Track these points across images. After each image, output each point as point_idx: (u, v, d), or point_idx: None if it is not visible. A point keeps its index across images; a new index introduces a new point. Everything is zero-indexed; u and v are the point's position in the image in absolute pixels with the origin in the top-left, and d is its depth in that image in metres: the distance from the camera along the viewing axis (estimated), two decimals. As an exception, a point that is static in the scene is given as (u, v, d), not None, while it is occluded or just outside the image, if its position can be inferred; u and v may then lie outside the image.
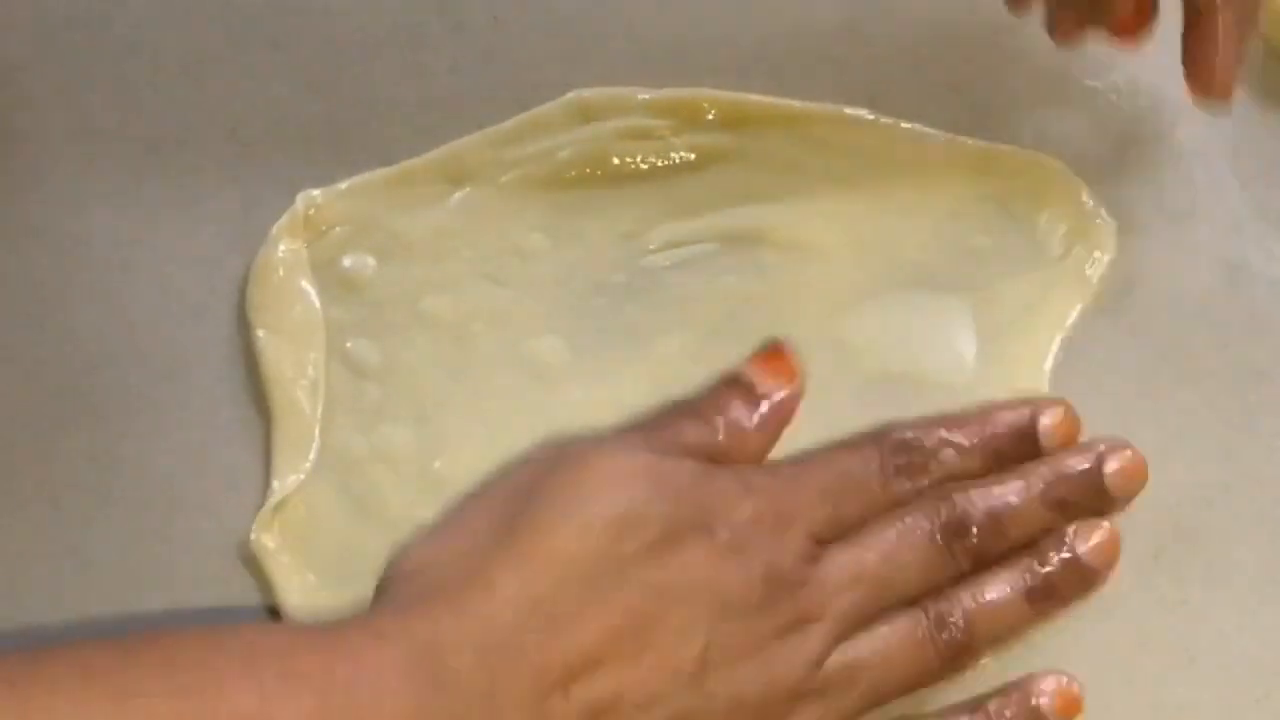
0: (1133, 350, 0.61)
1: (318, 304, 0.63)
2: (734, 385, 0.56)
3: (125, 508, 0.60)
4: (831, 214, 0.65)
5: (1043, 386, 0.61)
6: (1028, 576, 0.56)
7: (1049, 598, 0.56)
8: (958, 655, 0.55)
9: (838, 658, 0.54)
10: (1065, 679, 0.55)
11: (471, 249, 0.64)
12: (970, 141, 0.65)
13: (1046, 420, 0.57)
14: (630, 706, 0.51)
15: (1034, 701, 0.55)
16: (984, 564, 0.56)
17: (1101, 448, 0.57)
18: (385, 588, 0.52)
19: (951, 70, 0.68)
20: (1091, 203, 0.64)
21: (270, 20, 0.71)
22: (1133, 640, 0.56)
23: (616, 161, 0.66)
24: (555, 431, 0.57)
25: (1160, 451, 0.59)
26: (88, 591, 0.59)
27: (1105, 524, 0.56)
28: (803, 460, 0.56)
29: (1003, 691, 0.55)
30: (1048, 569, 0.56)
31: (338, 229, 0.65)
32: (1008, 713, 0.55)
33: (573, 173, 0.66)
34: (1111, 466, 0.56)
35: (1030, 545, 0.56)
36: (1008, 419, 0.57)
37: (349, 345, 0.63)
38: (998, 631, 0.56)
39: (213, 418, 0.62)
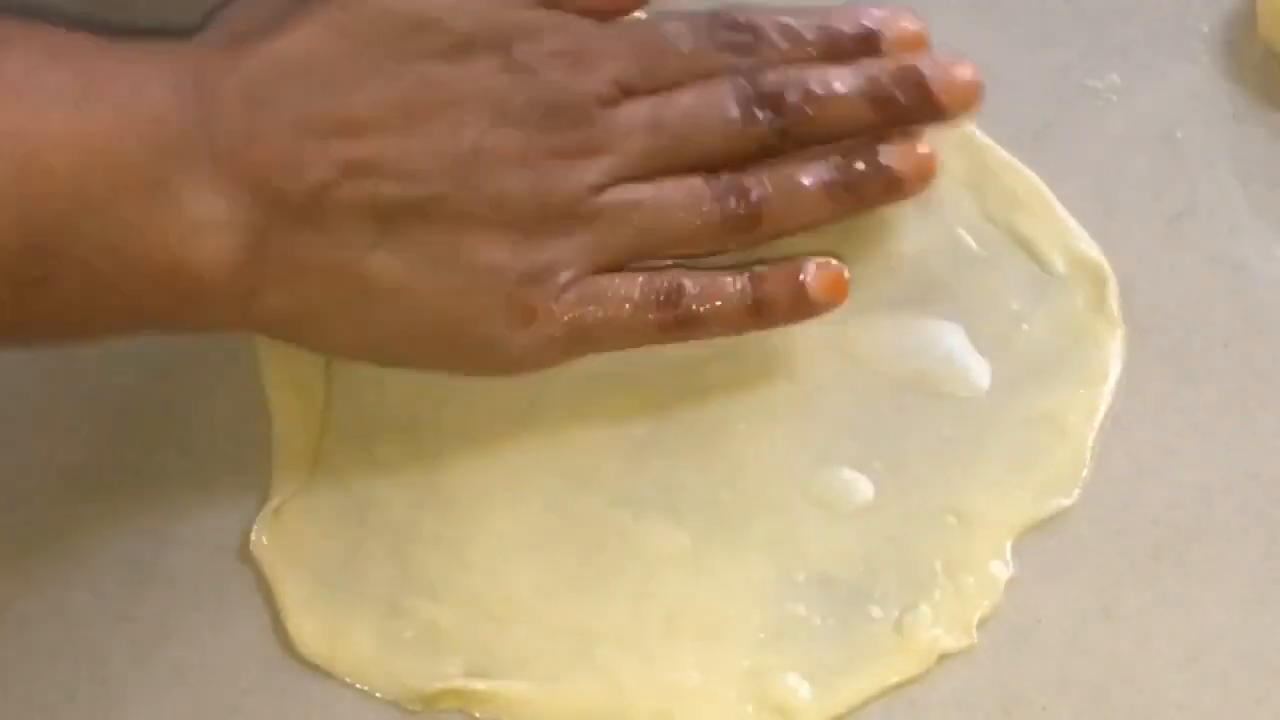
0: (1133, 350, 0.61)
1: (318, 305, 0.63)
2: None
3: (125, 508, 0.60)
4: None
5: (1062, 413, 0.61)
6: (831, 167, 0.56)
7: (848, 193, 0.56)
8: (741, 225, 0.56)
9: (615, 193, 0.55)
10: (835, 262, 0.56)
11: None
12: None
13: (900, 24, 0.57)
14: (389, 174, 0.53)
15: (801, 277, 0.56)
16: (793, 148, 0.56)
17: (941, 57, 0.57)
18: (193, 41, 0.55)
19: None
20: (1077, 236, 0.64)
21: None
22: (1133, 640, 0.56)
23: None
24: (554, 436, 0.57)
25: (1160, 451, 0.59)
26: (87, 591, 0.59)
27: (923, 140, 0.56)
28: (635, 24, 0.57)
29: (774, 263, 0.56)
30: (853, 163, 0.56)
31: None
32: (769, 284, 0.56)
33: None
34: (943, 71, 0.56)
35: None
36: (854, 17, 0.57)
37: (349, 346, 0.63)
38: (788, 215, 0.56)
39: (213, 418, 0.62)
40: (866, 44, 0.57)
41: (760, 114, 0.55)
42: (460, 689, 0.56)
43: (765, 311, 0.57)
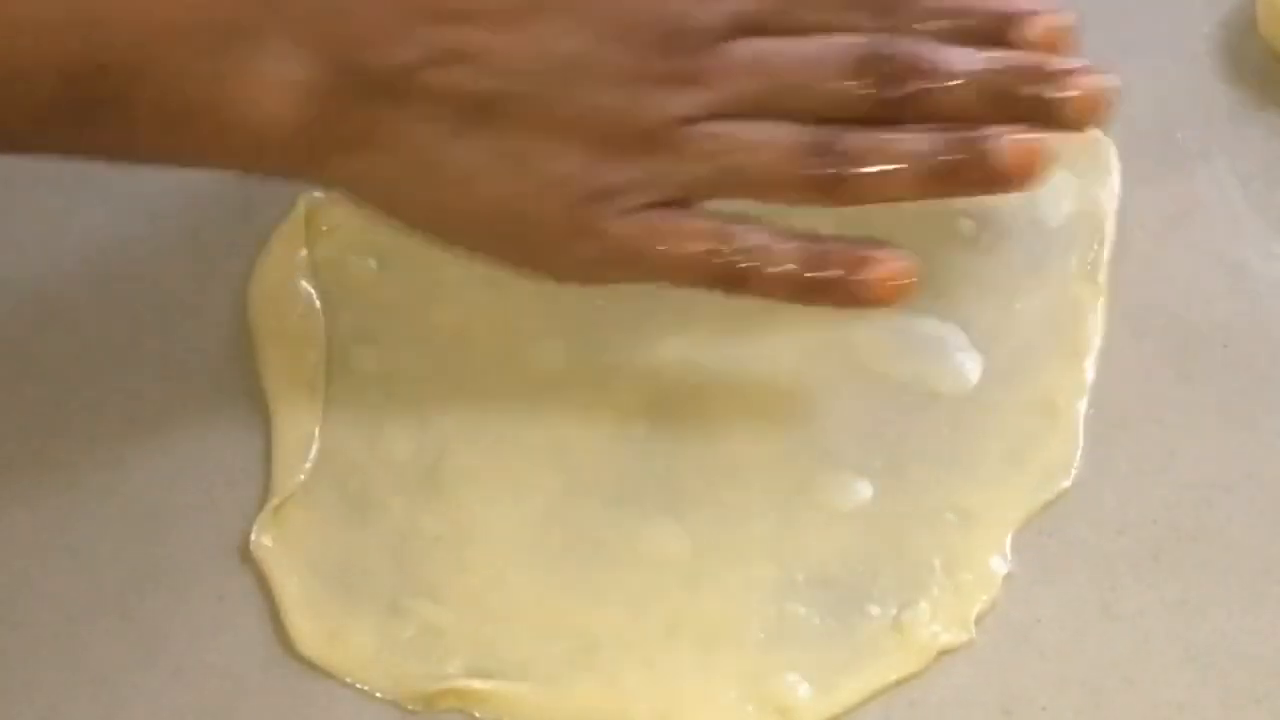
0: (1133, 350, 0.61)
1: (318, 306, 0.63)
2: None
3: (125, 508, 0.60)
4: (833, 213, 0.64)
5: (1051, 394, 0.61)
6: (932, 146, 0.54)
7: (943, 177, 0.54)
8: (822, 185, 0.54)
9: (706, 126, 0.53)
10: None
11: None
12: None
13: (1048, 16, 0.55)
14: (481, 66, 0.52)
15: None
16: (896, 118, 0.54)
17: (1077, 64, 0.55)
18: None
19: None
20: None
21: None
22: (1133, 640, 0.56)
23: None
24: (554, 435, 0.57)
25: (1160, 451, 0.59)
26: (88, 591, 0.59)
27: (1038, 134, 0.54)
28: None
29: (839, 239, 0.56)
30: (956, 147, 0.54)
31: (339, 230, 0.65)
32: (833, 256, 0.55)
33: None
34: (1073, 78, 0.54)
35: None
36: (996, 6, 0.55)
37: (349, 347, 0.63)
38: (875, 186, 0.55)
39: (213, 418, 0.62)
40: (1009, 29, 0.55)
41: (872, 80, 0.54)
42: (460, 689, 0.56)
43: (817, 287, 0.56)
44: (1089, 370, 0.61)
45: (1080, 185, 0.64)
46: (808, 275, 0.56)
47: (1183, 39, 0.67)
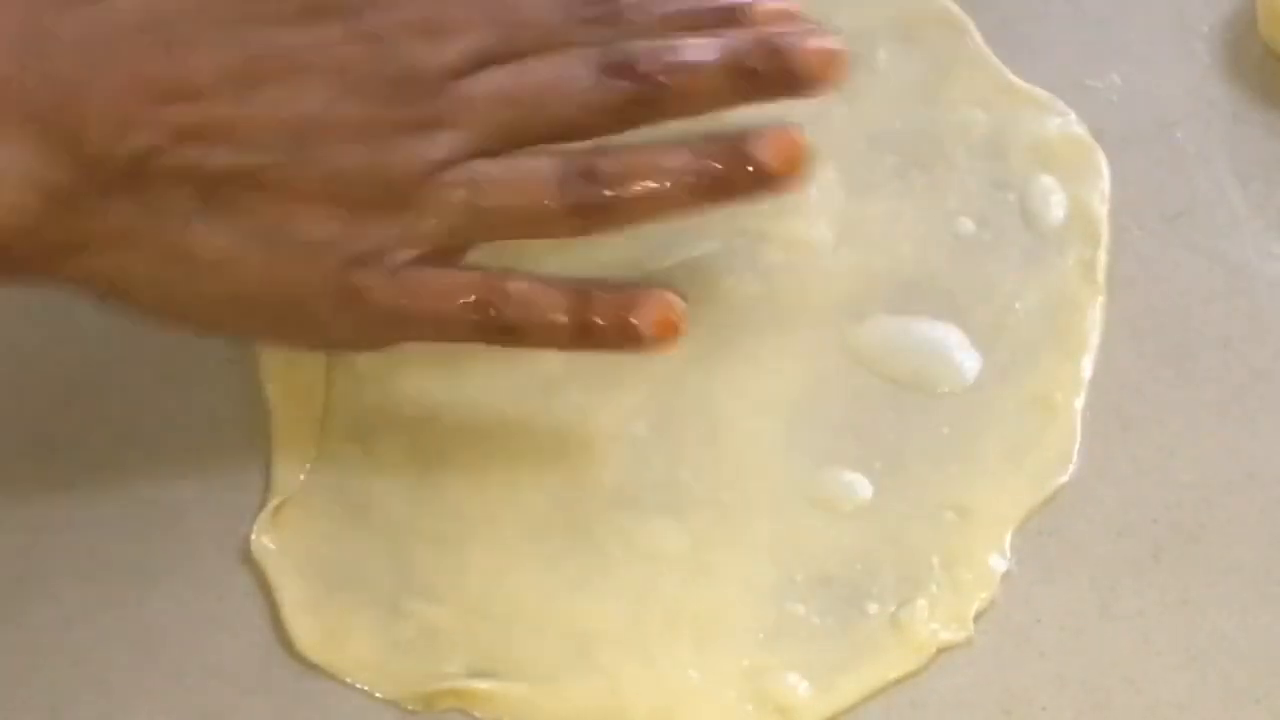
0: (1133, 350, 0.61)
1: (318, 305, 0.63)
2: None
3: (125, 508, 0.60)
4: (833, 213, 0.65)
5: (1049, 391, 0.61)
6: (693, 154, 0.53)
7: (712, 185, 0.53)
8: (591, 212, 0.53)
9: (458, 170, 0.52)
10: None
11: (471, 249, 0.64)
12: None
13: (764, 6, 0.54)
14: (220, 142, 0.50)
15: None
16: (652, 118, 0.53)
17: (804, 27, 0.54)
18: None
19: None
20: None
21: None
22: (1133, 640, 0.56)
23: None
24: (554, 434, 0.57)
25: (1161, 451, 0.59)
26: (88, 591, 0.59)
27: (790, 126, 0.53)
28: None
29: (605, 286, 0.54)
30: (716, 151, 0.53)
31: (338, 230, 0.65)
32: (597, 308, 0.53)
33: None
34: (801, 41, 0.53)
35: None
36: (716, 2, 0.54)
37: (349, 346, 0.63)
38: (644, 206, 0.53)
39: (213, 418, 0.62)
40: (731, 17, 0.54)
41: (614, 83, 0.52)
42: (460, 689, 0.56)
43: (589, 333, 0.54)
44: (1086, 367, 0.61)
45: (1072, 187, 0.64)
46: (579, 322, 0.54)
47: (1183, 39, 0.67)
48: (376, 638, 0.58)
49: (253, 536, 0.59)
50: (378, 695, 0.57)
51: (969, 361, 0.61)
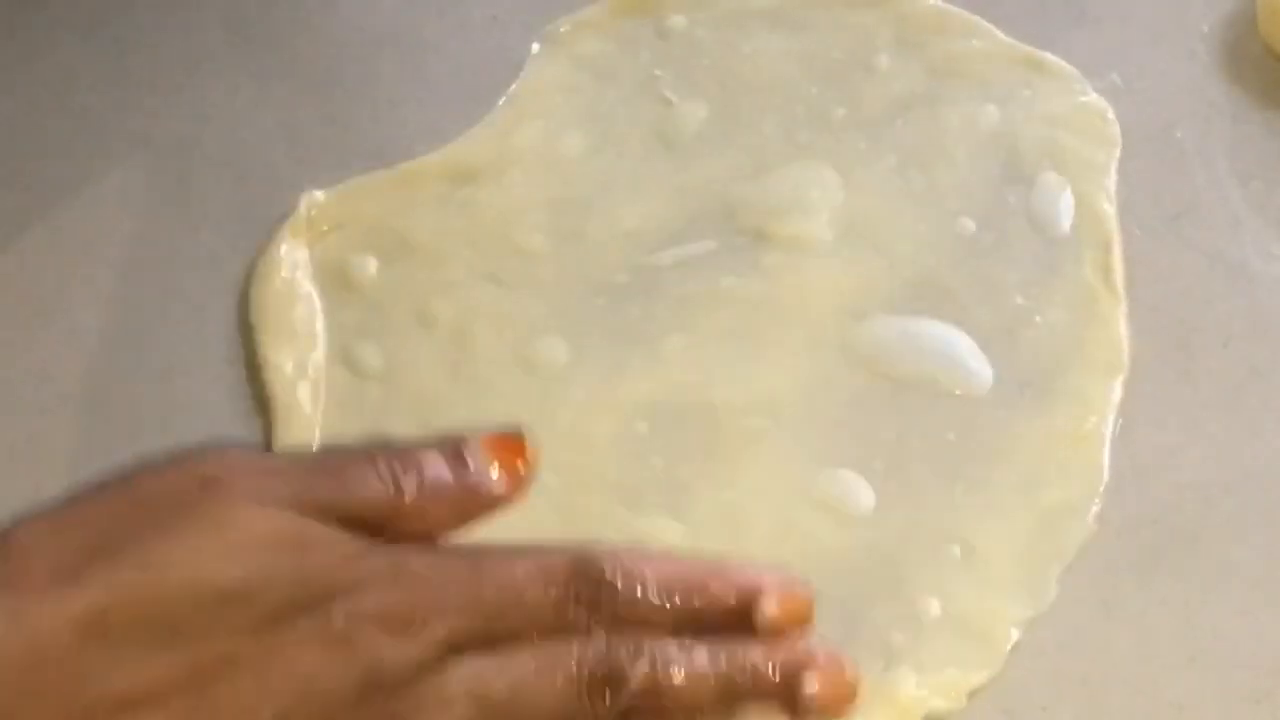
0: (1133, 350, 0.61)
1: (319, 305, 0.63)
2: (448, 451, 0.52)
3: (126, 508, 0.60)
4: (833, 213, 0.65)
5: (1053, 392, 0.61)
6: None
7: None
8: None
9: None
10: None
11: (472, 249, 0.64)
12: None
13: (768, 608, 0.50)
14: None
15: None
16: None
17: (816, 656, 0.50)
18: None
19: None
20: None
21: (270, 20, 0.71)
22: (1133, 640, 0.56)
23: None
24: (556, 434, 0.57)
25: (1162, 452, 0.59)
26: (89, 592, 0.59)
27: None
28: (480, 554, 0.51)
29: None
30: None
31: (339, 230, 0.65)
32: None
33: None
34: (811, 686, 0.49)
35: None
36: (726, 586, 0.51)
37: (350, 346, 0.63)
38: None
39: (213, 418, 0.62)
40: (744, 617, 0.50)
41: (599, 695, 0.49)
42: (461, 688, 0.56)
43: None
44: (1116, 390, 0.60)
45: (1078, 185, 0.64)
46: None
47: (1183, 39, 0.67)
48: (377, 638, 0.57)
49: (253, 536, 0.59)
50: (379, 695, 0.57)
51: (975, 365, 0.61)
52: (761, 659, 0.50)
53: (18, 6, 0.71)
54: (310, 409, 0.61)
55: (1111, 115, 0.66)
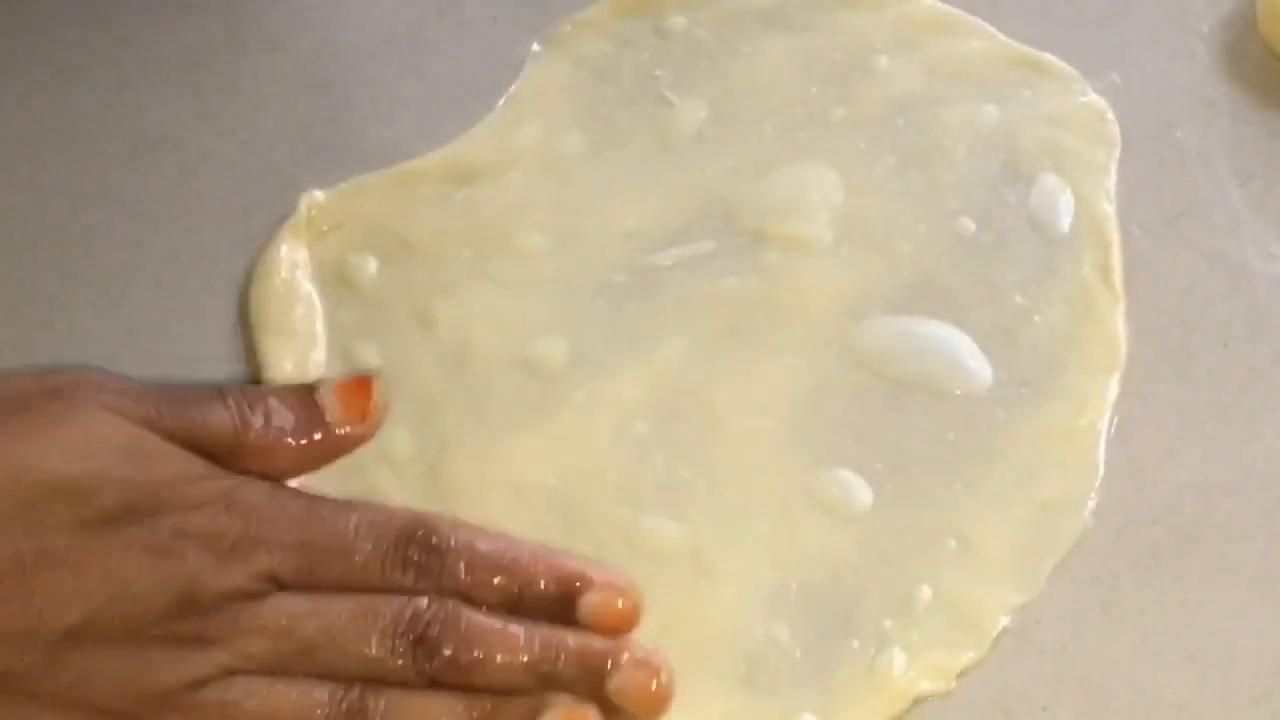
0: (1132, 350, 0.61)
1: (319, 305, 0.63)
2: (298, 394, 0.53)
3: (126, 508, 0.60)
4: (833, 213, 0.65)
5: (1050, 389, 0.61)
6: (468, 707, 0.50)
7: None
8: None
9: (218, 691, 0.49)
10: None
11: (472, 249, 0.64)
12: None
13: (591, 598, 0.52)
14: None
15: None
16: (439, 684, 0.50)
17: (628, 654, 0.51)
18: None
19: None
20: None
21: (270, 20, 0.71)
22: (1133, 640, 0.56)
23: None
24: (556, 434, 0.57)
25: (1161, 451, 0.59)
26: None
27: (586, 708, 0.50)
28: (318, 499, 0.52)
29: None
30: (506, 712, 0.50)
31: (339, 230, 0.65)
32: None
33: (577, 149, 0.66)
34: (618, 680, 0.51)
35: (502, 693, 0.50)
36: (553, 573, 0.52)
37: (350, 346, 0.63)
38: None
39: (213, 418, 0.62)
40: (565, 598, 0.51)
41: (407, 652, 0.50)
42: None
43: None
44: (1112, 387, 0.60)
45: (1078, 185, 0.64)
46: None
47: (1183, 39, 0.67)
48: (377, 638, 0.57)
49: (253, 536, 0.59)
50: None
51: (975, 364, 0.61)
52: (573, 647, 0.51)
53: (18, 6, 0.71)
54: (310, 409, 0.61)
55: (1111, 115, 0.66)
